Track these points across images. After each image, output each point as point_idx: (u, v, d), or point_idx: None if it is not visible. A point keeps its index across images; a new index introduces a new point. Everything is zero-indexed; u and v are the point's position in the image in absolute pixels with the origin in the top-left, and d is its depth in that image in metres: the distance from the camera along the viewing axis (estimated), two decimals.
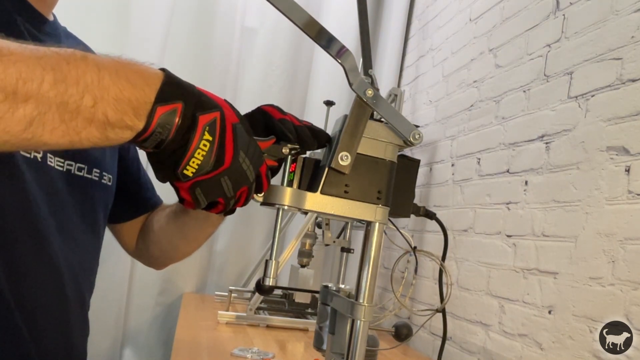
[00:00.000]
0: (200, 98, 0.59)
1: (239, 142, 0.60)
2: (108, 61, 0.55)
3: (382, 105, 0.76)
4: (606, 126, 1.18)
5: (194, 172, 0.58)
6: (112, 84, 0.53)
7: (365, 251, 0.78)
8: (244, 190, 0.64)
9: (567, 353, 1.20)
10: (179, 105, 0.56)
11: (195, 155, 0.57)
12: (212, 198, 0.61)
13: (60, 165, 0.82)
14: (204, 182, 0.59)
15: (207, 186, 0.60)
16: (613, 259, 1.11)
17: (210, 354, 1.34)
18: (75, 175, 0.85)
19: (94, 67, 0.53)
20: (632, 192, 1.09)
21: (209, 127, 0.58)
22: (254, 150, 0.63)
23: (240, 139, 0.60)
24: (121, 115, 0.53)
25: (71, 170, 0.84)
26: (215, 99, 0.61)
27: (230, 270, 2.37)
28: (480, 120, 1.72)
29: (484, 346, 1.51)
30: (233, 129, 0.60)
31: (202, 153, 0.57)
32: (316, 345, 0.92)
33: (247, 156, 0.61)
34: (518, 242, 1.43)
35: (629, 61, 1.15)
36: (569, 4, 1.37)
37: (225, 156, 0.59)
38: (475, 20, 1.86)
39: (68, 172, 0.84)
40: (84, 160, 0.86)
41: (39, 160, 0.77)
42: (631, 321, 1.04)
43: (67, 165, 0.83)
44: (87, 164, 0.87)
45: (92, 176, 0.89)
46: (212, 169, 0.59)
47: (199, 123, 0.57)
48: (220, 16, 2.24)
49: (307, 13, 0.73)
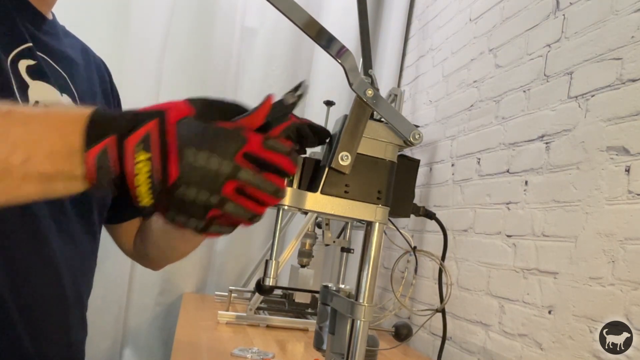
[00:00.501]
0: (134, 120, 0.54)
1: (184, 139, 0.53)
2: (36, 113, 0.53)
3: (382, 105, 0.76)
4: (606, 126, 1.18)
5: (150, 198, 0.53)
6: (41, 136, 0.50)
7: (365, 251, 0.78)
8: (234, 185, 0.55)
9: (567, 353, 1.20)
10: (109, 140, 0.52)
11: (139, 181, 0.52)
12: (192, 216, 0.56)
13: None
14: (169, 202, 0.54)
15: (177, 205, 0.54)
16: (613, 259, 1.11)
17: (210, 354, 1.34)
18: None
19: (20, 122, 0.51)
20: (632, 192, 1.09)
21: (143, 143, 0.52)
22: (215, 136, 0.54)
23: (186, 135, 0.53)
24: (57, 167, 0.51)
25: None
26: (159, 106, 0.56)
27: (230, 270, 2.37)
28: (480, 120, 1.72)
29: (484, 346, 1.51)
30: (177, 128, 0.53)
31: (145, 176, 0.52)
32: (316, 345, 0.92)
33: (201, 149, 0.53)
34: (518, 242, 1.43)
35: (629, 61, 1.15)
36: (569, 4, 1.37)
37: (170, 167, 0.52)
38: (475, 20, 1.86)
39: None
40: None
41: None
42: (631, 321, 1.04)
43: None
44: None
45: None
46: (165, 185, 0.53)
47: (126, 147, 0.52)
48: (220, 16, 2.24)
49: (307, 13, 0.73)
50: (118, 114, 0.55)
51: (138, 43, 2.04)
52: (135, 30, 2.03)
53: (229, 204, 0.56)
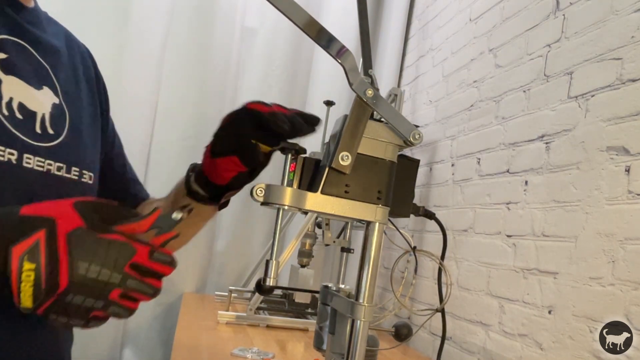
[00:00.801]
0: (21, 225, 0.55)
1: (78, 253, 0.56)
2: None
3: (382, 105, 0.76)
4: (606, 126, 1.18)
5: (32, 302, 0.55)
6: None
7: (365, 251, 0.78)
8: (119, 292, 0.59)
9: (567, 353, 1.20)
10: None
11: (22, 289, 0.54)
12: (74, 318, 0.58)
13: (40, 166, 0.74)
14: (51, 307, 0.56)
15: (58, 309, 0.56)
16: (613, 259, 1.11)
17: (210, 354, 1.34)
18: (54, 176, 0.77)
19: None
20: (632, 192, 1.09)
21: (28, 254, 0.54)
22: (107, 249, 0.58)
23: (79, 248, 0.56)
24: None
25: (50, 170, 0.76)
26: (50, 211, 0.58)
27: (230, 270, 2.37)
28: (480, 120, 1.72)
29: (484, 346, 1.51)
30: (68, 241, 0.55)
31: (29, 284, 0.54)
32: (316, 345, 0.92)
33: (94, 263, 0.56)
34: (518, 242, 1.43)
35: (629, 61, 1.15)
36: (569, 4, 1.37)
37: (59, 278, 0.54)
38: (475, 20, 1.86)
39: (47, 172, 0.76)
40: (63, 159, 0.79)
41: (14, 162, 0.70)
42: (631, 321, 1.04)
43: (47, 165, 0.76)
44: (66, 162, 0.79)
45: (71, 175, 0.81)
46: (52, 293, 0.55)
47: (12, 256, 0.54)
48: (220, 16, 2.24)
49: (307, 13, 0.73)
50: (3, 217, 0.56)
51: (138, 43, 2.04)
52: (136, 31, 2.03)
53: (112, 307, 0.60)
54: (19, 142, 0.71)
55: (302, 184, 0.79)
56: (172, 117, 2.17)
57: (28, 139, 0.72)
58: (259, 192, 0.73)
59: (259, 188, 0.73)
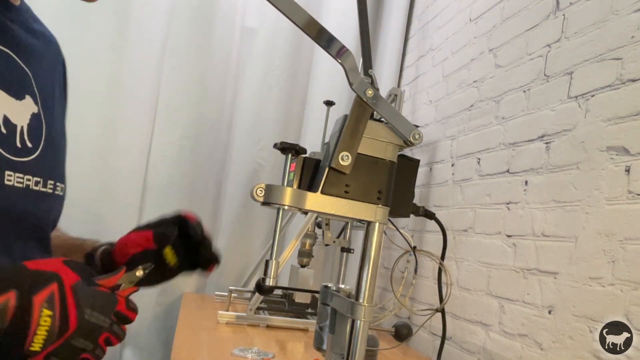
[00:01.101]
0: (33, 278, 0.63)
1: (82, 301, 0.65)
2: None
3: (382, 105, 0.76)
4: (606, 126, 1.18)
5: (41, 346, 0.62)
6: None
7: (365, 251, 0.78)
8: (105, 335, 0.69)
9: (567, 353, 1.20)
10: (10, 295, 0.60)
11: (38, 332, 0.62)
12: (73, 359, 0.66)
13: (19, 182, 0.73)
14: (56, 350, 0.64)
15: (61, 351, 0.64)
16: (613, 259, 1.11)
17: (210, 354, 1.34)
18: (32, 191, 0.76)
19: None
20: (632, 192, 1.09)
21: (47, 302, 0.62)
22: (101, 298, 0.68)
23: (82, 297, 0.65)
24: None
25: (29, 185, 0.75)
26: (51, 267, 0.66)
27: (230, 270, 2.37)
28: (480, 120, 1.72)
29: (484, 346, 1.51)
30: (73, 291, 0.65)
31: (45, 328, 0.62)
32: (316, 345, 0.93)
33: (94, 309, 0.66)
34: (518, 242, 1.43)
35: (629, 61, 1.15)
36: (569, 4, 1.37)
37: (69, 322, 0.63)
38: (475, 20, 1.86)
39: (27, 187, 0.75)
40: (39, 173, 0.77)
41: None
42: (631, 321, 1.04)
43: (27, 180, 0.74)
44: (42, 176, 0.78)
45: (47, 189, 0.80)
46: (60, 337, 0.63)
47: (34, 304, 0.61)
48: (220, 16, 2.24)
49: (307, 13, 0.73)
50: (16, 270, 0.64)
51: (138, 43, 2.04)
52: (135, 31, 2.03)
53: (97, 350, 0.68)
54: (2, 159, 0.70)
55: (302, 183, 0.79)
56: (172, 117, 2.17)
57: (9, 155, 0.71)
58: (259, 192, 0.73)
59: (259, 188, 0.73)
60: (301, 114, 2.46)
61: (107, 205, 2.01)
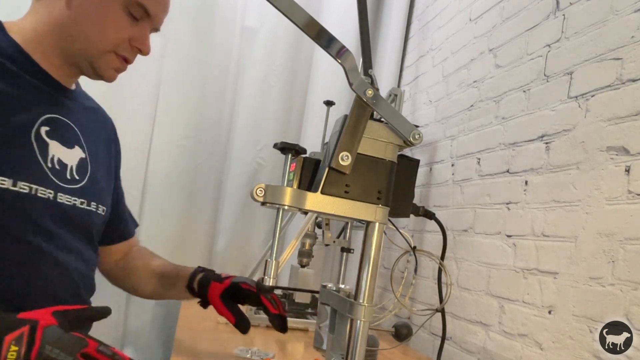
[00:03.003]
0: (13, 323, 0.80)
1: (47, 339, 0.81)
2: None
3: (382, 105, 0.76)
4: (606, 126, 1.18)
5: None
6: None
7: (365, 251, 0.78)
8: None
9: (567, 353, 1.20)
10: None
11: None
12: None
13: (69, 201, 1.04)
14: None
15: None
16: (613, 259, 1.11)
17: (210, 354, 1.34)
18: (78, 208, 1.07)
19: None
20: (632, 192, 1.09)
21: (15, 340, 0.79)
22: (68, 339, 0.83)
23: (49, 336, 0.81)
24: None
25: (76, 204, 1.06)
26: (36, 315, 0.83)
27: (230, 270, 2.35)
28: (480, 120, 1.72)
29: (484, 346, 1.51)
30: (43, 332, 0.81)
31: (12, 358, 0.78)
32: (316, 345, 0.93)
33: (56, 346, 0.81)
34: (518, 242, 1.43)
35: (629, 61, 1.15)
36: (569, 4, 1.37)
37: (31, 355, 0.79)
38: (475, 20, 1.86)
39: (74, 205, 1.06)
40: (85, 196, 1.09)
41: (51, 199, 0.99)
42: (631, 321, 1.04)
43: (74, 200, 1.05)
44: (87, 198, 1.10)
45: (90, 207, 1.11)
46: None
47: (5, 341, 0.78)
48: (221, 16, 2.24)
49: (308, 13, 0.73)
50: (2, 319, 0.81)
51: None
52: None
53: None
54: (55, 185, 1.01)
55: (302, 184, 0.79)
56: (172, 117, 2.17)
57: (61, 183, 1.02)
58: (259, 192, 0.73)
59: (259, 188, 0.73)
60: (301, 114, 2.46)
61: None
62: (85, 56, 1.05)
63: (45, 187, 0.99)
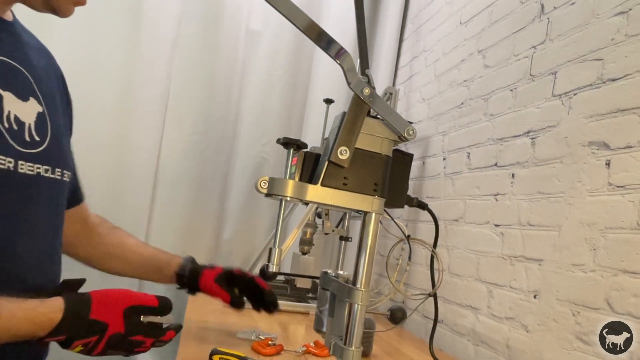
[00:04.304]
0: (88, 327, 0.81)
1: (109, 344, 0.82)
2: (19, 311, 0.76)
3: (378, 102, 0.76)
4: (588, 122, 1.18)
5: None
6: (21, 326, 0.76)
7: (362, 239, 0.78)
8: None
9: (551, 335, 1.20)
10: (61, 338, 0.79)
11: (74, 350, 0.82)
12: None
13: (31, 170, 0.82)
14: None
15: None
16: (594, 246, 1.11)
17: (217, 335, 1.34)
18: (43, 177, 0.85)
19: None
20: (612, 185, 1.09)
21: (83, 345, 0.81)
22: (126, 345, 0.85)
23: (112, 343, 0.82)
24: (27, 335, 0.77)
25: (40, 172, 0.84)
26: (109, 319, 0.82)
27: (236, 257, 2.37)
28: (470, 117, 1.72)
29: (474, 328, 1.51)
30: (107, 340, 0.82)
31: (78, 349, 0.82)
32: (316, 328, 0.93)
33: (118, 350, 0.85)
34: (505, 231, 1.43)
35: (610, 62, 1.15)
36: (553, 8, 1.37)
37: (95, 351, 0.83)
38: (466, 23, 1.85)
39: (37, 174, 0.84)
40: (48, 162, 0.87)
41: (11, 169, 0.78)
42: (611, 305, 1.04)
43: (37, 168, 0.83)
44: (51, 165, 0.87)
45: (55, 175, 0.89)
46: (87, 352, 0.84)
47: (74, 344, 0.80)
48: (227, 19, 2.24)
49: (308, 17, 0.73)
50: (75, 322, 0.80)
51: (150, 45, 2.03)
52: (147, 33, 2.03)
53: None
54: (14, 150, 0.78)
55: (303, 176, 0.79)
56: (181, 114, 2.17)
57: (21, 148, 0.79)
58: (263, 185, 0.73)
59: (263, 180, 0.73)
60: (302, 111, 2.46)
61: (122, 195, 2.01)
62: None
63: (4, 155, 0.76)
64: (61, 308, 0.78)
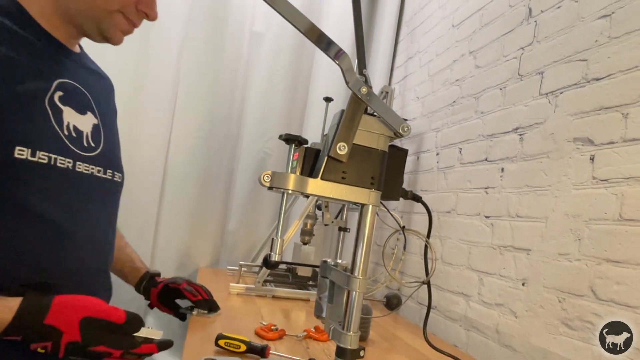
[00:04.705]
0: (41, 332, 0.78)
1: (70, 352, 0.79)
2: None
3: (374, 101, 0.76)
4: (573, 120, 1.18)
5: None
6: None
7: (360, 230, 0.78)
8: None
9: (538, 320, 1.20)
10: (17, 338, 0.77)
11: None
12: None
13: (87, 170, 0.93)
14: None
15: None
16: (579, 237, 1.11)
17: (222, 321, 1.34)
18: (96, 177, 0.96)
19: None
20: (596, 178, 1.09)
21: (42, 349, 0.78)
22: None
23: (71, 350, 0.79)
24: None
25: (93, 172, 0.95)
26: (64, 327, 0.79)
27: (240, 247, 2.37)
28: (461, 114, 1.72)
29: (465, 314, 1.52)
30: (66, 347, 0.79)
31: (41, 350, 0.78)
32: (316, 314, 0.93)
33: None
34: (495, 222, 1.43)
35: (594, 62, 1.15)
36: (540, 11, 1.37)
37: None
38: (458, 26, 1.85)
39: (91, 174, 0.94)
40: (101, 164, 0.97)
41: (70, 168, 0.89)
42: (595, 292, 1.04)
43: (91, 169, 0.94)
44: (103, 166, 0.98)
45: (107, 176, 1.00)
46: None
47: (31, 346, 0.78)
48: (232, 22, 2.23)
49: (309, 19, 0.73)
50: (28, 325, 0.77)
51: (158, 47, 2.03)
52: (156, 35, 2.02)
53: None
54: (73, 153, 0.89)
55: (304, 170, 0.79)
56: (188, 112, 2.17)
57: (79, 151, 0.91)
58: (266, 178, 0.73)
59: (266, 174, 0.73)
60: (303, 109, 2.45)
61: (133, 190, 2.01)
62: (89, 16, 0.90)
63: (64, 157, 0.86)
64: (14, 309, 0.76)
